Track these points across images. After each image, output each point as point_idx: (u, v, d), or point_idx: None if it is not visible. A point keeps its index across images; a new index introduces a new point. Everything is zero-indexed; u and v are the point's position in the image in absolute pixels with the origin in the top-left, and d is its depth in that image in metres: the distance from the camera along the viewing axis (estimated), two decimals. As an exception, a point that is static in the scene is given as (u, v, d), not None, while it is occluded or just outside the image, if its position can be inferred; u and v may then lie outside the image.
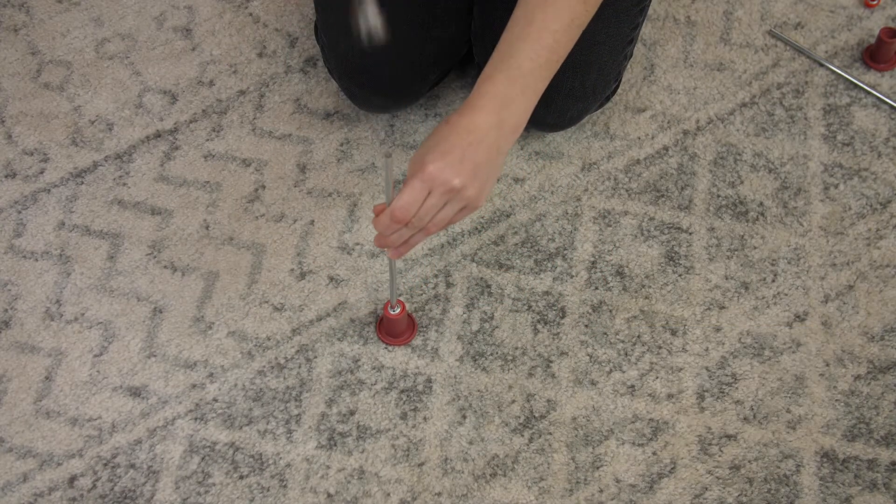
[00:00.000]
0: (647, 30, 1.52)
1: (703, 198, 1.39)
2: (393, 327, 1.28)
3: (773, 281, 1.34)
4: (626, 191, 1.40)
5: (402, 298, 1.31)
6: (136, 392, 1.28)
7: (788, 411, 1.26)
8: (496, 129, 1.05)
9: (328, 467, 1.23)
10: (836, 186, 1.39)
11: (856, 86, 1.46)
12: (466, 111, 1.05)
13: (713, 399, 1.26)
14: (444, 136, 1.04)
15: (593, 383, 1.28)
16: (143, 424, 1.26)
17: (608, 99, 1.40)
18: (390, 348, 1.30)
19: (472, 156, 1.03)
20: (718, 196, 1.39)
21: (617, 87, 1.39)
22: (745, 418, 1.25)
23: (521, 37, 1.06)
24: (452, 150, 1.03)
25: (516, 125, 1.07)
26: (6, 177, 1.42)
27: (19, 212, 1.40)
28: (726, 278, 1.34)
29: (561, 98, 1.31)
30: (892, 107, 1.44)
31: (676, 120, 1.45)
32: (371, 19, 1.29)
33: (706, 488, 1.22)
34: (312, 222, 1.39)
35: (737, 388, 1.27)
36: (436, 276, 1.34)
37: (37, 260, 1.37)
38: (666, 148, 1.43)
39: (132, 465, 1.24)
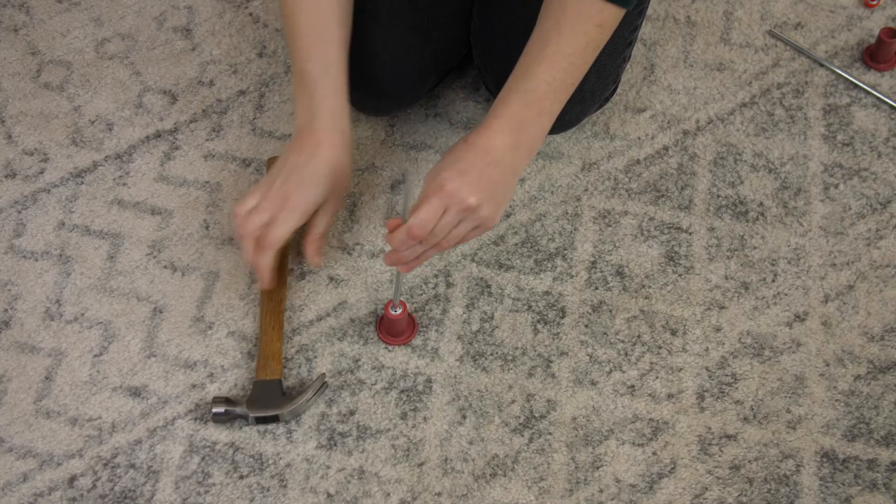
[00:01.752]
0: (647, 30, 1.52)
1: (703, 198, 1.39)
2: (393, 327, 1.28)
3: (773, 281, 1.34)
4: (626, 191, 1.40)
5: (402, 298, 1.31)
6: (136, 392, 1.28)
7: (788, 411, 1.26)
8: (512, 151, 1.06)
9: (328, 467, 1.23)
10: (836, 186, 1.39)
11: (856, 86, 1.46)
12: (483, 131, 1.06)
13: (713, 399, 1.27)
14: (462, 155, 1.05)
15: (593, 383, 1.28)
16: (143, 424, 1.26)
17: (606, 101, 1.40)
18: (390, 348, 1.30)
19: (489, 176, 1.04)
20: (718, 196, 1.39)
21: (615, 88, 1.39)
22: (745, 418, 1.25)
23: (536, 59, 1.07)
24: (470, 169, 1.04)
25: (532, 147, 1.08)
26: (6, 177, 1.42)
27: (19, 212, 1.40)
28: (726, 278, 1.34)
29: None
30: (892, 107, 1.44)
31: (676, 120, 1.45)
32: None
33: (706, 488, 1.22)
34: (312, 222, 1.39)
35: (737, 388, 1.27)
36: (436, 276, 1.34)
37: (37, 260, 1.37)
38: (666, 148, 1.43)
39: (132, 465, 1.24)
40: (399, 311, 1.25)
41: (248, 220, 1.19)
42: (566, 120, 1.35)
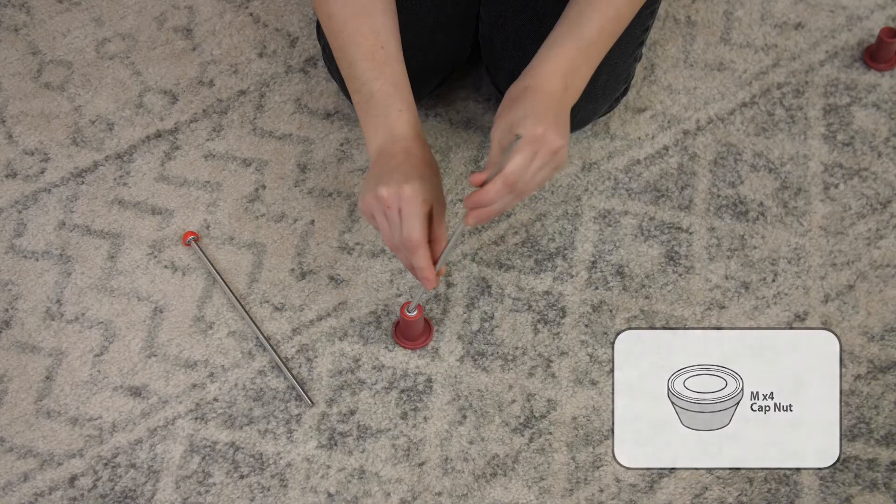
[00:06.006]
0: (647, 30, 1.52)
1: (703, 198, 1.39)
2: (410, 330, 1.27)
3: (773, 281, 1.34)
4: (627, 191, 1.40)
5: (418, 303, 1.30)
6: (136, 392, 1.28)
7: (788, 411, 1.26)
8: (565, 92, 1.11)
9: (328, 467, 1.23)
10: (836, 186, 1.39)
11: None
12: (540, 76, 1.10)
13: (713, 399, 1.27)
14: (530, 101, 1.08)
15: (593, 383, 1.28)
16: (143, 424, 1.26)
17: (618, 101, 1.39)
18: (390, 348, 1.30)
19: (562, 117, 1.09)
20: (718, 196, 1.39)
21: (626, 89, 1.39)
22: (745, 418, 1.26)
23: (589, 5, 1.12)
24: (547, 113, 1.07)
25: (578, 90, 1.13)
26: (7, 177, 1.43)
27: (20, 212, 1.40)
28: (726, 278, 1.34)
29: None
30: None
31: (676, 120, 1.45)
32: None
33: (706, 488, 1.22)
34: (312, 222, 1.39)
35: (737, 388, 1.27)
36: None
37: (37, 260, 1.37)
38: (666, 148, 1.43)
39: (133, 465, 1.24)
40: (414, 313, 1.23)
41: (386, 238, 1.14)
42: (577, 119, 1.34)
